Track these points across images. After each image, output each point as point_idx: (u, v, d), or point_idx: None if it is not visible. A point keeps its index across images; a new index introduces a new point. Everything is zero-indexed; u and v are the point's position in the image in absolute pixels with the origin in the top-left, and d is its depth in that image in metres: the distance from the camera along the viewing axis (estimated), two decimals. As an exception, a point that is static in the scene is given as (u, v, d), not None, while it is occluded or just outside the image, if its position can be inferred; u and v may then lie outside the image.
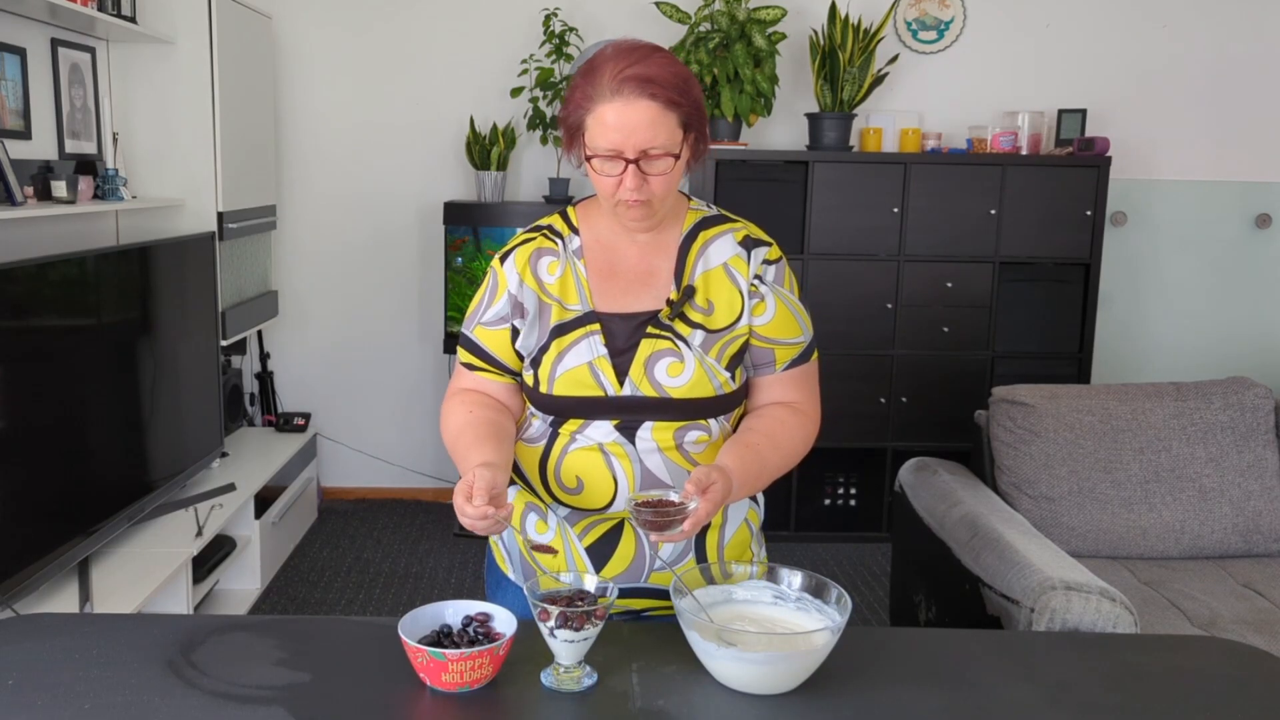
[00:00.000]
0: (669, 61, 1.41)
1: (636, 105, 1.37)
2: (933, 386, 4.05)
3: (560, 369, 1.48)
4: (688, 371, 1.47)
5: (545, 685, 1.29)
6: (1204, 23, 4.34)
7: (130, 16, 3.24)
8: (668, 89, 1.38)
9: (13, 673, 1.29)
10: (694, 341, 1.48)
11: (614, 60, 1.39)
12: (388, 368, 4.46)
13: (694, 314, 1.50)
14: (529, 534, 1.57)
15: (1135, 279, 4.52)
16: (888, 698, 1.29)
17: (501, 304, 1.52)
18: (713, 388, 1.48)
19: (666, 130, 1.39)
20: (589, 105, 1.40)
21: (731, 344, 1.50)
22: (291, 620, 1.44)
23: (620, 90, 1.37)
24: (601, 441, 1.48)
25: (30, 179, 2.91)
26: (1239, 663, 1.45)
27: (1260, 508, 2.71)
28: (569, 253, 1.53)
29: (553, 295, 1.51)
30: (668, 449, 1.48)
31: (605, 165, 1.41)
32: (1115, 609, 1.99)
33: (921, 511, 2.67)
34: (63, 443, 2.62)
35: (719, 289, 1.51)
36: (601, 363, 1.48)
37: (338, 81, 4.28)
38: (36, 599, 2.49)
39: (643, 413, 1.47)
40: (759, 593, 1.42)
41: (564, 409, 1.49)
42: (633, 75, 1.37)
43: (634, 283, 1.52)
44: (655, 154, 1.39)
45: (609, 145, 1.39)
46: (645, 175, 1.40)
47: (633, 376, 1.47)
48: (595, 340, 1.48)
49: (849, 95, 3.94)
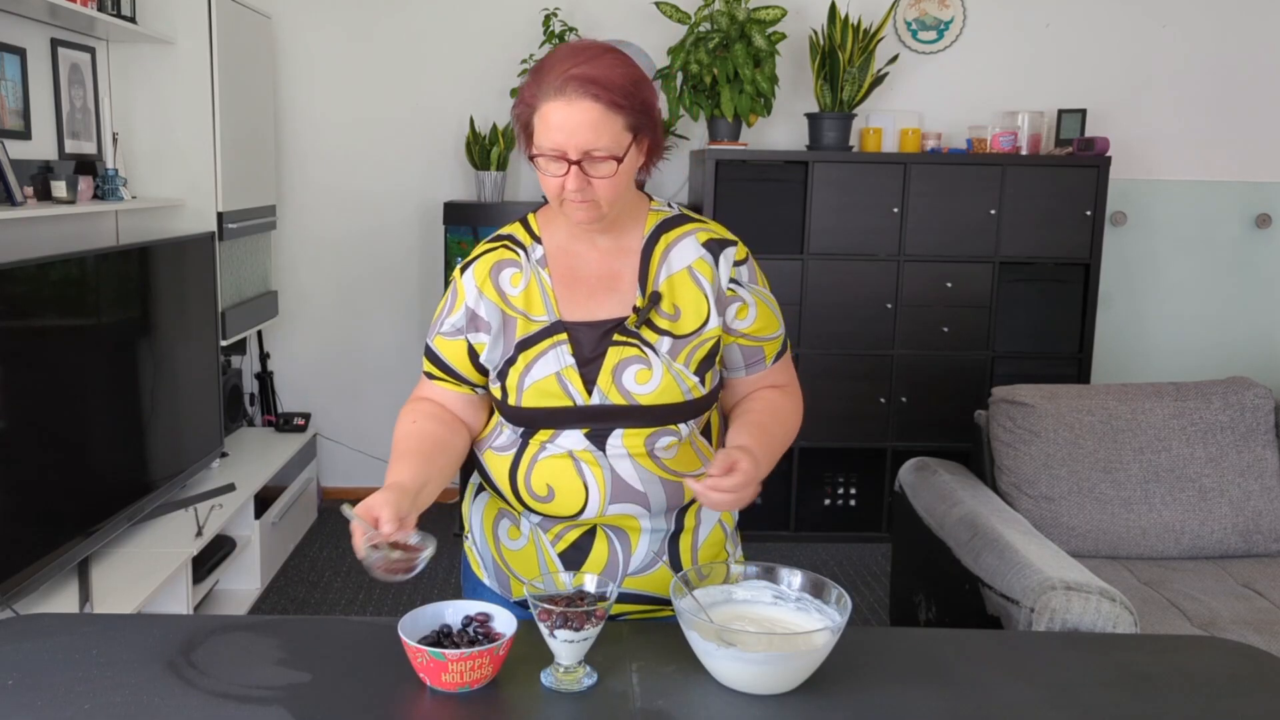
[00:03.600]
0: (619, 63, 1.39)
1: (579, 105, 1.35)
2: (933, 386, 4.05)
3: (528, 381, 1.46)
4: (656, 378, 1.46)
5: (545, 685, 1.29)
6: (1204, 23, 4.34)
7: (130, 16, 3.24)
8: (612, 91, 1.36)
9: (13, 673, 1.29)
10: (661, 348, 1.47)
11: (563, 60, 1.37)
12: (388, 368, 4.46)
13: (660, 320, 1.48)
14: (502, 540, 1.56)
15: (1135, 279, 4.52)
16: (888, 698, 1.29)
17: (458, 316, 1.51)
18: (681, 393, 1.47)
19: (610, 133, 1.36)
20: (535, 103, 1.38)
21: (700, 348, 1.49)
22: (291, 620, 1.44)
23: (564, 90, 1.35)
24: (572, 449, 1.47)
25: (30, 179, 2.91)
26: (1239, 663, 1.45)
27: (1260, 508, 2.71)
28: (532, 262, 1.51)
29: (517, 308, 1.49)
30: (638, 455, 1.47)
31: (549, 165, 1.39)
32: (1115, 609, 1.99)
33: (921, 511, 2.67)
34: (63, 443, 2.62)
35: (684, 293, 1.49)
36: (569, 373, 1.46)
37: (338, 81, 4.28)
38: (36, 599, 2.49)
39: (612, 420, 1.46)
40: (759, 593, 1.41)
41: (533, 420, 1.48)
42: (577, 75, 1.35)
43: (598, 288, 1.50)
44: (599, 156, 1.37)
45: (552, 145, 1.37)
46: (588, 176, 1.38)
47: (601, 385, 1.46)
48: (562, 350, 1.47)
49: (849, 95, 3.94)
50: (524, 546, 1.54)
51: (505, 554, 1.56)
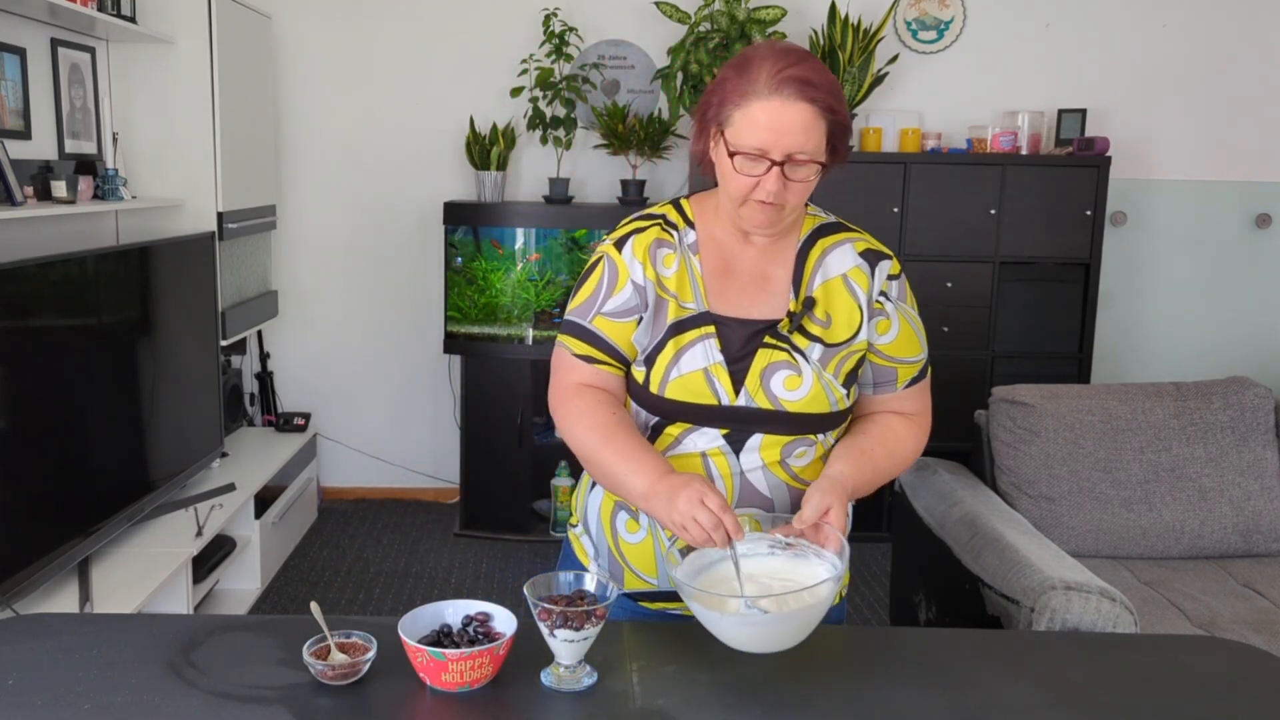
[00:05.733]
0: (824, 67, 1.37)
1: (794, 107, 1.33)
2: (933, 386, 4.04)
3: (675, 372, 1.43)
4: (805, 385, 1.43)
5: (545, 685, 1.28)
6: (1204, 23, 4.34)
7: (130, 16, 3.23)
8: (826, 94, 1.34)
9: (13, 673, 1.29)
10: (812, 355, 1.44)
11: (774, 58, 1.35)
12: (388, 368, 4.46)
13: (813, 326, 1.45)
14: (620, 533, 1.52)
15: (1135, 279, 4.51)
16: (888, 698, 1.29)
17: (626, 293, 1.45)
18: (829, 403, 1.44)
19: (816, 137, 1.35)
20: (741, 100, 1.35)
21: (848, 359, 1.46)
22: (291, 620, 1.44)
23: (779, 89, 1.32)
24: (705, 449, 1.44)
25: (30, 179, 2.91)
26: (1239, 663, 1.45)
27: (1260, 508, 2.71)
28: (684, 247, 1.48)
29: (669, 290, 1.45)
30: (772, 464, 1.44)
31: (747, 164, 1.36)
32: (1115, 609, 1.99)
33: (921, 511, 2.67)
34: (63, 443, 2.62)
35: (838, 301, 1.46)
36: (718, 370, 1.43)
37: (338, 81, 4.28)
38: (36, 599, 2.49)
39: (754, 424, 1.43)
40: (754, 545, 1.38)
41: (673, 413, 1.44)
42: (793, 76, 1.33)
43: (749, 286, 1.47)
44: (801, 159, 1.35)
45: (757, 144, 1.34)
46: (787, 180, 1.36)
47: (748, 387, 1.43)
48: (710, 344, 1.43)
49: (849, 95, 3.94)
50: (642, 540, 1.50)
51: (623, 546, 1.52)
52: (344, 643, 1.31)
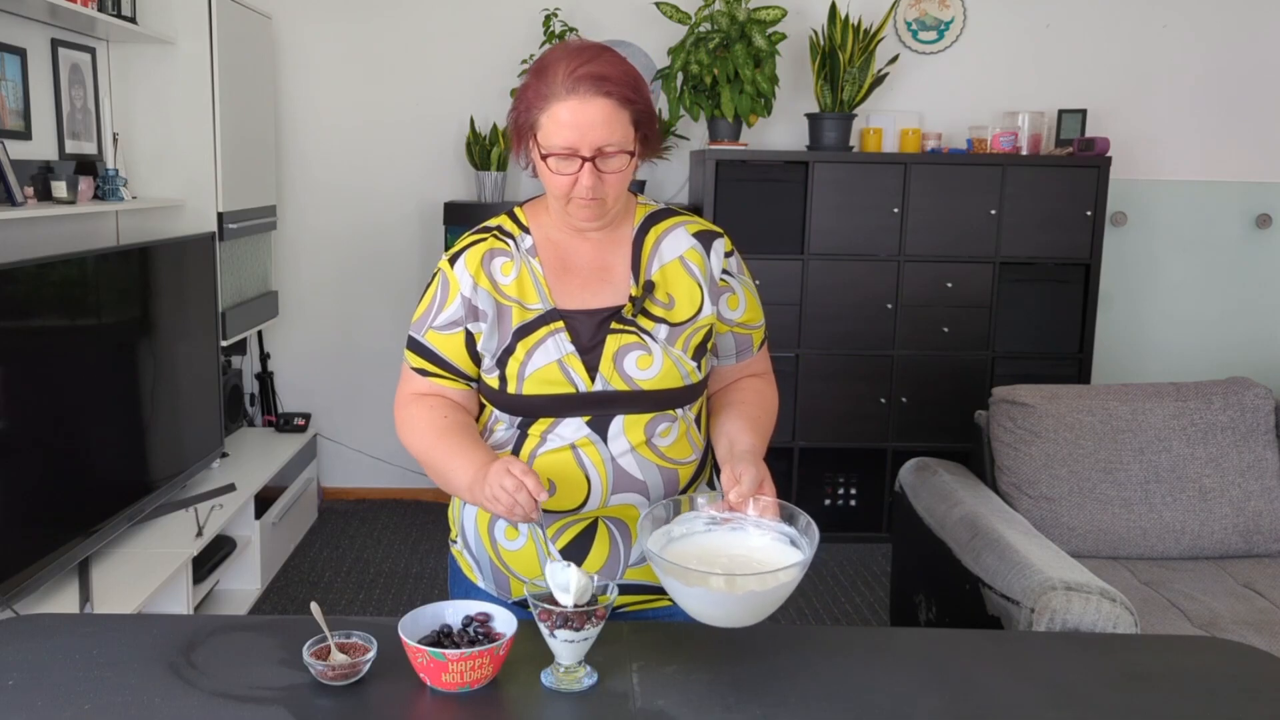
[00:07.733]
0: (620, 60, 1.43)
1: (593, 103, 1.38)
2: (933, 386, 4.05)
3: (529, 368, 1.48)
4: (657, 364, 1.49)
5: (545, 685, 1.29)
6: (1204, 23, 4.34)
7: (130, 17, 3.24)
8: (621, 86, 1.39)
9: (13, 673, 1.29)
10: (659, 335, 1.50)
11: (566, 59, 1.40)
12: (388, 368, 4.45)
13: (655, 309, 1.51)
14: (500, 541, 1.56)
15: (1135, 279, 4.51)
16: (888, 698, 1.29)
17: (455, 308, 1.50)
18: (681, 377, 1.50)
19: (621, 128, 1.40)
20: (543, 104, 1.40)
21: (695, 335, 1.52)
22: (291, 620, 1.44)
23: (575, 88, 1.38)
24: (573, 440, 1.48)
25: (30, 179, 2.91)
26: (1239, 663, 1.45)
27: (1260, 508, 2.71)
28: (522, 252, 1.52)
29: (510, 296, 1.50)
30: (639, 445, 1.49)
31: (560, 164, 1.41)
32: (1115, 609, 1.99)
33: (922, 512, 2.67)
34: (63, 443, 2.62)
35: (677, 282, 1.53)
36: (571, 359, 1.48)
37: (338, 81, 4.28)
38: (36, 599, 2.49)
39: (614, 406, 1.48)
40: (690, 523, 1.40)
41: (535, 408, 1.49)
42: (587, 73, 1.38)
43: (591, 279, 1.52)
44: (610, 151, 1.40)
45: (564, 143, 1.39)
46: (601, 173, 1.41)
47: (603, 371, 1.48)
48: (561, 338, 1.48)
49: (849, 95, 3.94)
50: (523, 546, 1.54)
51: (504, 555, 1.56)
52: (344, 643, 1.32)
